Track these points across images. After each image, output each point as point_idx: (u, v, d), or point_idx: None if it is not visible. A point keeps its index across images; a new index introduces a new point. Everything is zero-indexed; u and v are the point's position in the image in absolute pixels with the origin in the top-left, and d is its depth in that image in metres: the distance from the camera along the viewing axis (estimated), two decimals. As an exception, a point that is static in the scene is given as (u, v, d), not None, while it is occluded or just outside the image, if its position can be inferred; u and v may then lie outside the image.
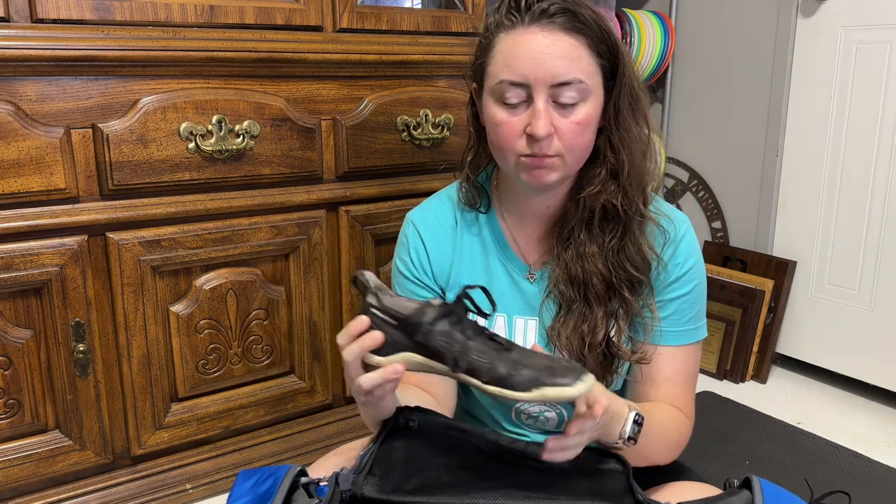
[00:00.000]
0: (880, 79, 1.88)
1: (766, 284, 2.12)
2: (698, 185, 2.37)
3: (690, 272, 0.98)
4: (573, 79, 0.86)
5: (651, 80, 2.37)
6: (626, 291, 0.95)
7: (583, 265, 0.95)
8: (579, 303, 0.97)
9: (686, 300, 0.99)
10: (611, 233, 0.95)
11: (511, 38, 0.88)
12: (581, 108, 0.88)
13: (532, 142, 0.88)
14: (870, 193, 1.95)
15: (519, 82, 0.87)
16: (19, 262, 1.22)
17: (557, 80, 0.86)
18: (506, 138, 0.90)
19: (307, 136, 1.46)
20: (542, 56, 0.86)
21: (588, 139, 0.92)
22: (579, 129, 0.89)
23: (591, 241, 0.96)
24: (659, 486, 0.92)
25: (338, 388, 1.64)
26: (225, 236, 1.41)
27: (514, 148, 0.90)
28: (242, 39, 1.35)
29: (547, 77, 0.86)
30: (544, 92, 0.87)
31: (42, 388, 1.30)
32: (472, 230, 1.04)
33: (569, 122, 0.88)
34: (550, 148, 0.88)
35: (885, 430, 1.84)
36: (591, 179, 0.95)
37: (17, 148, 1.19)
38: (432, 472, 0.80)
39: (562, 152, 0.89)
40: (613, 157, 0.94)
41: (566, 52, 0.86)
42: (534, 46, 0.86)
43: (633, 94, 0.93)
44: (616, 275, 0.95)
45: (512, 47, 0.88)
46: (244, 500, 0.78)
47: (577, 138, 0.89)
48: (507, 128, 0.90)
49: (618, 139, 0.93)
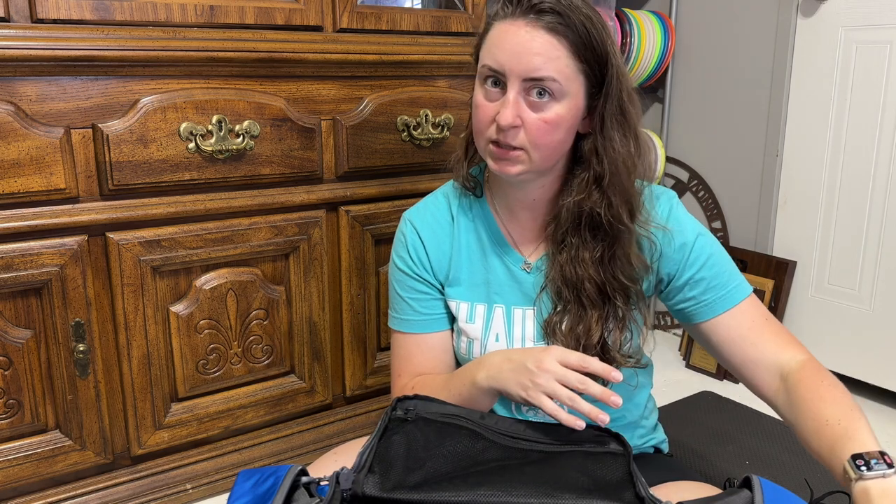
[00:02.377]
0: (880, 79, 1.88)
1: (766, 284, 2.12)
2: (698, 185, 2.37)
3: (697, 241, 1.00)
4: (546, 76, 0.89)
5: (651, 80, 2.37)
6: (620, 300, 0.97)
7: (575, 269, 0.98)
8: (573, 304, 0.99)
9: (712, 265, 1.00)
10: (601, 241, 0.97)
11: (500, 27, 0.92)
12: (552, 107, 0.91)
13: (498, 129, 0.91)
14: (870, 193, 1.95)
15: (496, 70, 0.91)
16: (19, 262, 1.22)
17: (530, 74, 0.89)
18: (479, 121, 0.95)
19: (307, 136, 1.46)
20: (519, 49, 0.89)
21: (558, 139, 0.93)
22: (546, 127, 0.91)
23: (583, 248, 0.98)
24: (659, 486, 0.92)
25: (338, 388, 1.64)
26: (225, 236, 1.41)
27: (484, 133, 0.94)
28: (242, 39, 1.35)
29: (520, 70, 0.89)
30: (517, 84, 0.90)
31: (42, 388, 1.30)
32: (469, 224, 1.06)
33: (536, 118, 0.91)
34: (515, 139, 0.91)
35: (885, 430, 1.84)
36: (577, 185, 0.97)
37: (17, 148, 1.19)
38: (433, 465, 0.80)
39: (526, 146, 0.92)
40: (597, 164, 0.96)
41: (544, 50, 0.89)
42: (514, 38, 0.90)
43: (622, 108, 0.94)
44: (609, 283, 0.97)
45: (498, 36, 0.92)
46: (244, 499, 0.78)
47: (543, 135, 0.91)
48: (482, 111, 0.94)
49: (601, 147, 0.95)
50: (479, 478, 0.78)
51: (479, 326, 1.05)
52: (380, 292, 1.64)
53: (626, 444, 0.84)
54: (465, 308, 1.05)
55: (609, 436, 0.85)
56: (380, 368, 1.68)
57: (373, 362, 1.67)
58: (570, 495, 0.75)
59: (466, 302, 1.05)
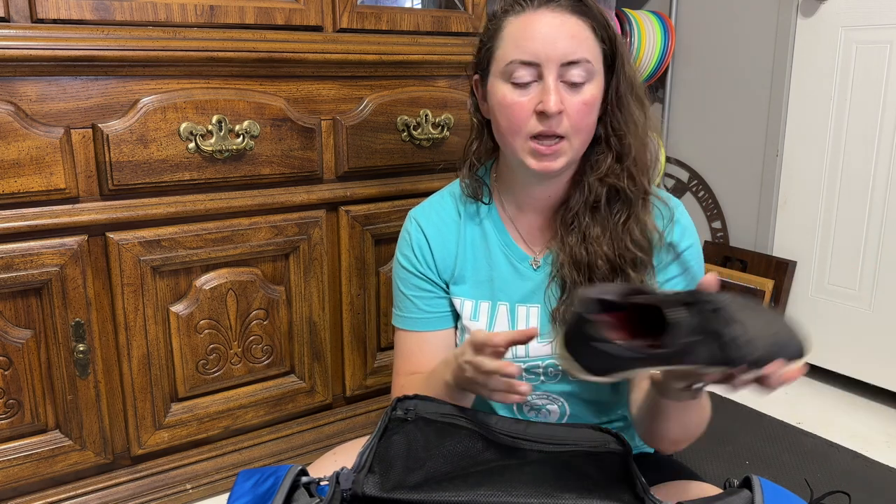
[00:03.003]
0: (880, 79, 1.88)
1: (766, 284, 2.12)
2: (698, 185, 2.37)
3: (687, 252, 1.00)
4: (581, 58, 0.90)
5: (651, 80, 2.37)
6: (631, 271, 0.96)
7: (587, 248, 0.97)
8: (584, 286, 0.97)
9: (683, 280, 1.00)
10: (617, 213, 0.98)
11: (520, 20, 0.92)
12: (588, 89, 0.91)
13: (543, 119, 0.90)
14: (870, 193, 1.95)
15: (530, 61, 0.90)
16: (19, 262, 1.22)
17: (567, 58, 0.89)
18: (516, 118, 0.92)
19: (307, 136, 1.46)
20: (553, 35, 0.89)
21: (592, 121, 0.94)
22: (586, 108, 0.92)
23: (595, 224, 0.98)
24: (659, 486, 0.92)
25: (338, 388, 1.64)
26: (225, 236, 1.41)
27: (523, 129, 0.92)
28: (242, 39, 1.35)
29: (558, 55, 0.89)
30: (555, 70, 0.90)
31: (42, 388, 1.30)
32: (475, 222, 1.06)
33: (577, 102, 0.91)
34: (560, 126, 0.91)
35: (884, 429, 1.84)
36: (598, 164, 0.97)
37: (17, 148, 1.19)
38: (433, 465, 0.80)
39: (569, 133, 0.92)
40: (617, 142, 0.96)
41: (575, 32, 0.90)
42: (544, 26, 0.90)
43: (632, 80, 0.96)
44: (621, 255, 0.97)
45: (522, 29, 0.91)
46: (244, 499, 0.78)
47: (583, 118, 0.92)
48: (518, 108, 0.92)
49: (622, 122, 0.96)
50: (479, 478, 0.78)
51: (482, 324, 1.05)
52: (380, 292, 1.64)
53: (627, 443, 0.84)
54: (470, 306, 1.05)
55: (609, 435, 0.85)
56: (380, 368, 1.68)
57: (373, 362, 1.67)
58: (570, 495, 0.75)
59: (471, 300, 1.05)
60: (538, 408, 1.03)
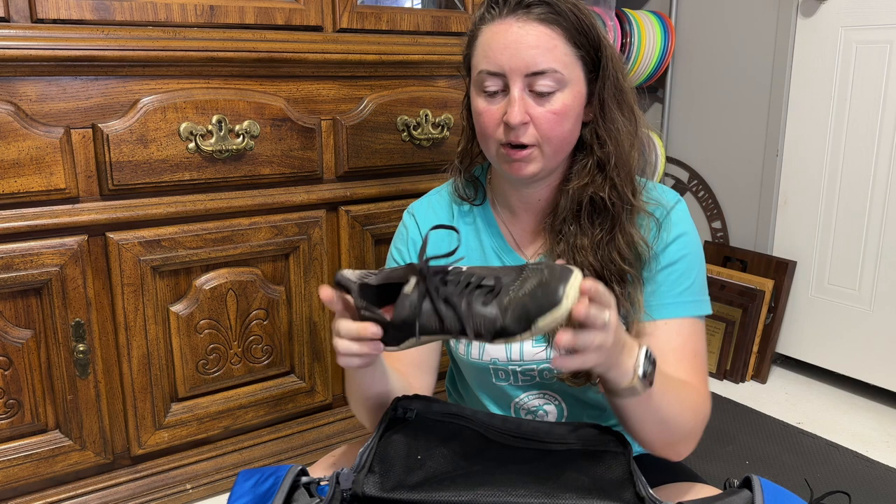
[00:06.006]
0: (880, 79, 1.89)
1: (766, 284, 2.12)
2: (698, 185, 2.37)
3: (676, 241, 0.96)
4: (547, 68, 0.89)
5: (651, 80, 2.37)
6: (617, 286, 0.95)
7: (574, 258, 0.96)
8: None
9: (673, 270, 0.96)
10: (600, 225, 0.96)
11: (490, 29, 0.92)
12: (558, 98, 0.90)
13: (508, 130, 0.91)
14: (870, 193, 1.95)
15: (496, 72, 0.90)
16: (19, 262, 1.22)
17: (531, 69, 0.89)
18: (486, 126, 0.93)
19: (307, 136, 1.46)
20: (515, 46, 0.89)
21: (567, 129, 0.93)
22: (556, 118, 0.90)
23: (581, 234, 0.96)
24: (659, 487, 0.92)
25: (338, 388, 1.64)
26: (225, 236, 1.41)
27: (493, 136, 0.93)
28: (242, 39, 1.35)
29: (521, 66, 0.89)
30: (520, 81, 0.89)
31: (42, 388, 1.30)
32: (467, 221, 1.06)
33: (544, 111, 0.90)
34: (526, 136, 0.90)
35: (885, 430, 1.84)
36: (579, 171, 0.96)
37: (17, 148, 1.19)
38: (433, 465, 0.80)
39: (539, 142, 0.91)
40: (600, 149, 0.95)
41: (540, 42, 0.89)
42: (508, 37, 0.89)
43: (618, 87, 0.94)
44: (607, 268, 0.95)
45: (490, 38, 0.91)
46: (244, 499, 0.78)
47: (553, 128, 0.91)
48: (487, 116, 0.93)
49: (604, 131, 0.95)
50: (479, 478, 0.78)
51: None
52: (380, 292, 1.64)
53: (627, 443, 0.84)
54: None
55: (609, 435, 0.85)
56: (380, 368, 1.68)
57: (373, 362, 1.67)
58: (570, 495, 0.75)
59: None
60: (534, 409, 1.03)
